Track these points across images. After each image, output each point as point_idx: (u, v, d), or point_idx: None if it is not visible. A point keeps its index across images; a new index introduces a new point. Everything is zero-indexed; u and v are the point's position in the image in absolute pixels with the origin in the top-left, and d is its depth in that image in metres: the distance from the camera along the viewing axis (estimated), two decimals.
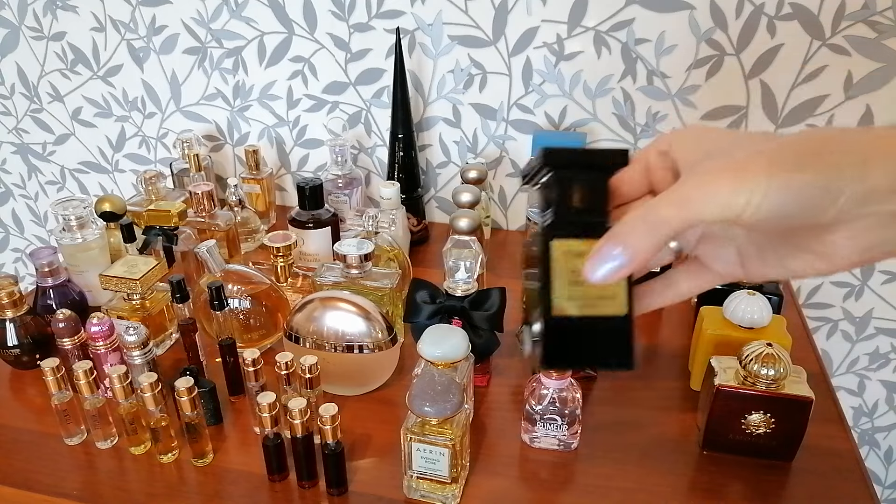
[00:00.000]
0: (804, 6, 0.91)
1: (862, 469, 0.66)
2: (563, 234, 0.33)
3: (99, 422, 0.68)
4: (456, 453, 0.59)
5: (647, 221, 0.31)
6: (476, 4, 1.01)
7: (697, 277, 0.38)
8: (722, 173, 0.30)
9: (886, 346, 1.14)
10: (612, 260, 0.31)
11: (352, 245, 0.79)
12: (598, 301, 0.33)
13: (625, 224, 0.31)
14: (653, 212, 0.31)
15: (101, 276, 0.78)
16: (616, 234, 0.31)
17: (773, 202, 0.29)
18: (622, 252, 0.31)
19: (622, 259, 0.31)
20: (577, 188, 0.34)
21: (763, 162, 0.29)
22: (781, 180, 0.29)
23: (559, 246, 0.33)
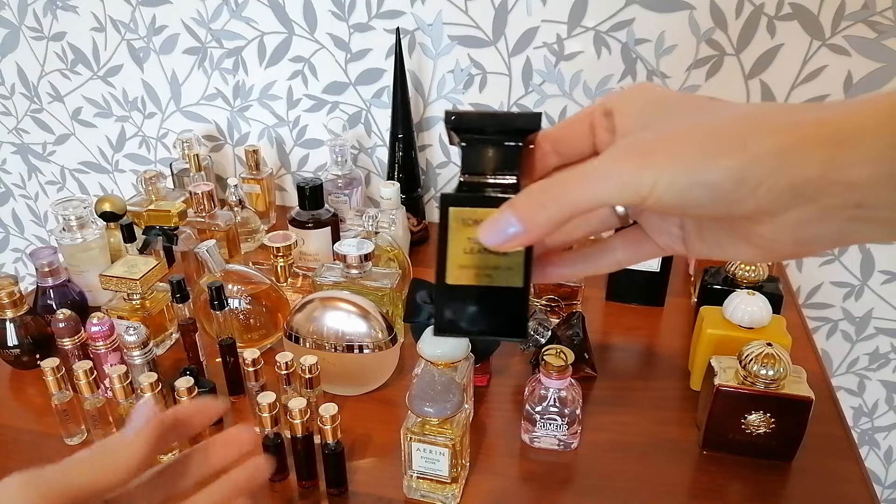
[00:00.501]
0: (804, 6, 0.91)
1: (862, 469, 0.66)
2: (461, 202, 0.32)
3: (99, 422, 0.68)
4: (456, 453, 0.59)
5: (549, 195, 0.29)
6: (476, 4, 1.01)
7: (636, 247, 0.35)
8: (629, 155, 0.28)
9: (886, 346, 1.14)
10: (508, 228, 0.29)
11: (352, 245, 0.79)
12: (494, 271, 0.32)
13: (527, 195, 0.29)
14: (556, 187, 0.29)
15: (101, 276, 0.78)
16: (515, 205, 0.30)
17: (678, 190, 0.27)
18: (518, 222, 0.29)
19: (517, 229, 0.29)
20: (482, 154, 0.32)
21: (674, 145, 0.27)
22: (688, 168, 0.27)
23: (457, 214, 0.32)
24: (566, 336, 0.77)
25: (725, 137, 0.27)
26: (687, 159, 0.27)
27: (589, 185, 0.28)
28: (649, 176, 0.27)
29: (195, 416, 0.35)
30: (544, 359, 0.65)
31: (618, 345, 0.85)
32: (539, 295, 0.87)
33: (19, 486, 0.28)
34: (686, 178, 0.27)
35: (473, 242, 0.32)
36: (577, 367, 0.72)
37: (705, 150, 0.27)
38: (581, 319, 0.79)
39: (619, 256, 0.35)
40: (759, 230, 0.28)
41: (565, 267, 0.36)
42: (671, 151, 0.27)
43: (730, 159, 0.26)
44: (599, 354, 0.82)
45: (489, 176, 0.32)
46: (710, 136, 0.27)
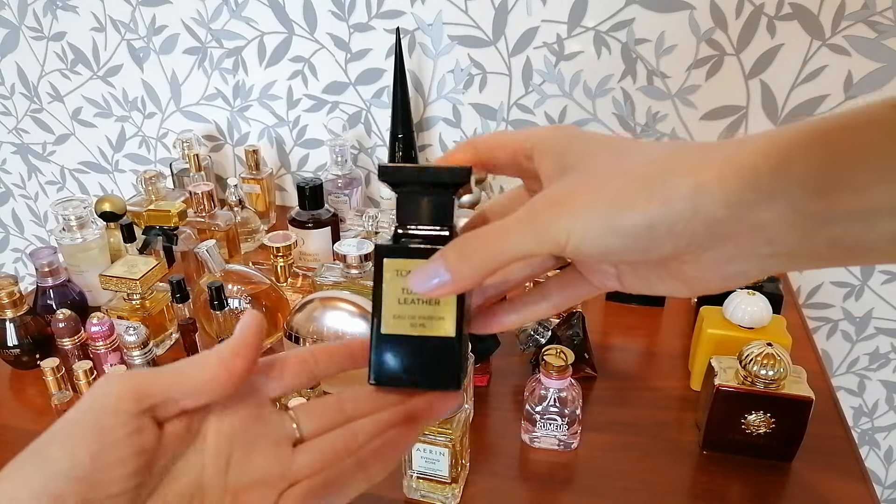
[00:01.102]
0: (804, 6, 0.91)
1: (862, 469, 0.66)
2: (394, 253, 0.33)
3: None
4: (456, 453, 0.59)
5: (474, 247, 0.30)
6: (476, 4, 1.01)
7: (572, 289, 0.35)
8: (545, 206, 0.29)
9: (886, 346, 1.14)
10: (435, 277, 0.30)
11: (352, 245, 0.79)
12: (428, 321, 0.33)
13: (454, 246, 0.30)
14: (481, 239, 0.30)
15: (101, 276, 0.78)
16: (444, 255, 0.30)
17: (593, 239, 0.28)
18: (445, 272, 0.30)
19: (444, 278, 0.30)
20: (414, 207, 0.33)
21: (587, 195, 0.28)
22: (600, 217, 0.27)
23: (390, 265, 0.33)
24: (566, 336, 0.77)
25: (636, 184, 0.27)
26: (599, 208, 0.27)
27: (510, 238, 0.29)
28: (564, 227, 0.28)
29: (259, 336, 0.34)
30: (544, 359, 0.65)
31: (618, 345, 0.85)
32: None
33: (107, 379, 0.31)
34: (599, 227, 0.27)
35: (407, 293, 0.33)
36: (577, 367, 0.72)
37: (616, 198, 0.27)
38: (581, 319, 0.79)
39: (556, 300, 0.35)
40: (685, 269, 0.28)
41: (505, 315, 0.36)
42: (583, 201, 0.28)
43: (640, 206, 0.27)
44: (599, 354, 0.82)
45: (422, 227, 0.33)
46: (621, 183, 0.28)
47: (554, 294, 0.36)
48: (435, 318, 0.33)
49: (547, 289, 0.36)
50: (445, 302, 0.33)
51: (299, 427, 0.35)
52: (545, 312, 0.36)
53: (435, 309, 0.33)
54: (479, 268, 0.30)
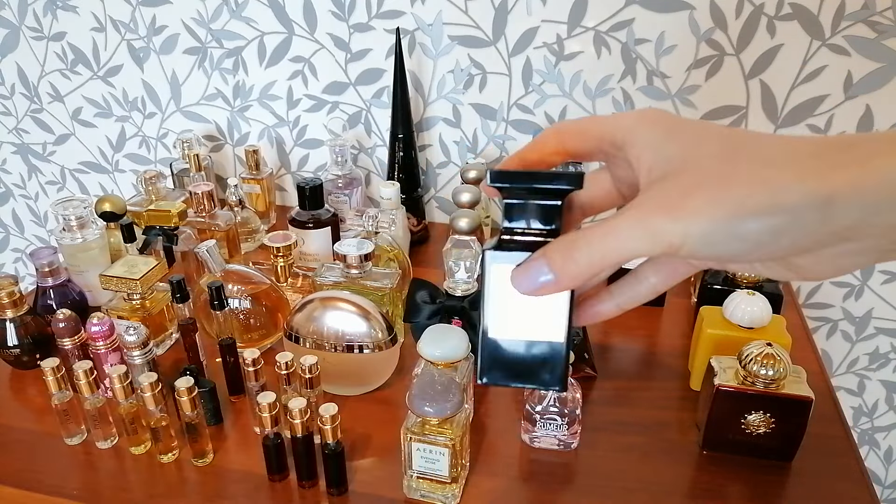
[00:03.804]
0: (804, 6, 0.91)
1: (862, 469, 0.66)
2: (501, 257, 0.33)
3: (99, 422, 0.68)
4: (456, 453, 0.59)
5: (580, 248, 0.29)
6: (476, 4, 1.01)
7: (668, 270, 0.35)
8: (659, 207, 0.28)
9: (886, 346, 1.14)
10: (539, 276, 0.30)
11: (352, 245, 0.79)
12: (535, 325, 0.34)
13: (559, 246, 0.30)
14: (588, 240, 0.29)
15: (101, 276, 0.78)
16: (547, 254, 0.30)
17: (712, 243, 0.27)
18: (550, 271, 0.30)
19: (549, 278, 0.30)
20: (523, 212, 0.33)
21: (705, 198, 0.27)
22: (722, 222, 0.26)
23: (497, 268, 0.33)
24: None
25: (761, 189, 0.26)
26: (721, 214, 0.26)
27: (620, 240, 0.29)
28: (680, 231, 0.27)
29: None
30: None
31: (618, 345, 0.85)
32: None
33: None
34: (720, 233, 0.27)
35: (514, 297, 0.33)
36: (577, 367, 0.72)
37: (740, 204, 0.26)
38: None
39: (653, 282, 0.35)
40: (798, 261, 0.29)
41: (602, 304, 0.36)
42: (703, 206, 0.27)
43: (767, 215, 0.26)
44: (599, 354, 0.82)
45: (530, 232, 0.33)
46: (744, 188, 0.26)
47: (651, 277, 0.35)
48: (542, 322, 0.33)
49: (643, 273, 0.36)
50: (552, 305, 0.33)
51: None
52: (644, 296, 0.36)
53: (542, 313, 0.33)
54: (586, 268, 0.30)
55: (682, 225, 0.27)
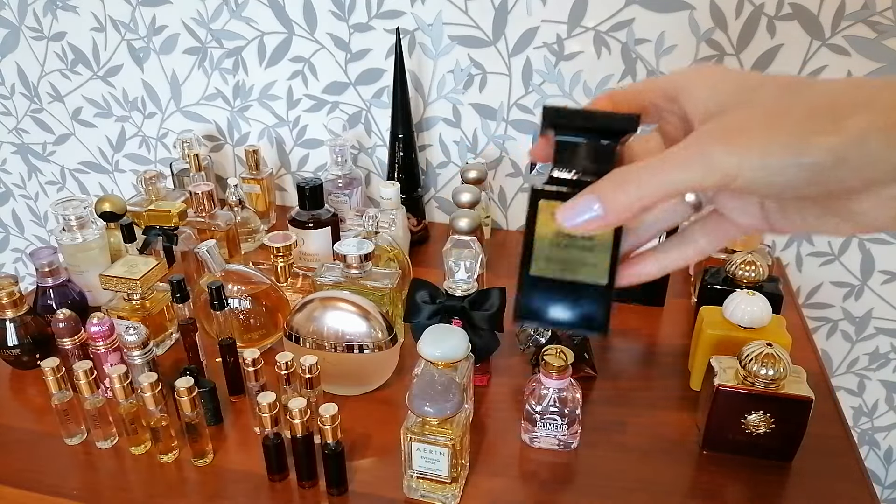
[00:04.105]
0: (804, 6, 0.91)
1: (862, 469, 0.66)
2: (551, 195, 0.32)
3: (99, 422, 0.68)
4: (456, 453, 0.59)
5: (631, 179, 0.29)
6: (476, 4, 1.01)
7: (716, 231, 0.34)
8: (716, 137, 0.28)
9: (886, 346, 1.14)
10: (588, 211, 0.30)
11: (352, 245, 0.79)
12: (580, 267, 0.33)
13: (609, 179, 0.30)
14: (639, 171, 0.29)
15: (101, 276, 0.78)
16: (596, 188, 0.30)
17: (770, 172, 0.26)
18: (599, 206, 0.29)
19: (598, 212, 0.30)
20: (575, 152, 0.32)
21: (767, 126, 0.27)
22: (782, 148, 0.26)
23: (546, 207, 0.32)
24: (566, 336, 0.77)
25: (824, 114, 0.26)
26: (781, 138, 0.26)
27: (674, 171, 0.28)
28: (736, 159, 0.27)
29: None
30: (544, 359, 0.65)
31: (618, 345, 0.85)
32: None
33: None
34: (780, 157, 0.26)
35: (561, 237, 0.32)
36: (577, 367, 0.72)
37: (801, 127, 0.26)
38: None
39: (701, 244, 0.35)
40: (855, 206, 0.28)
41: (648, 264, 0.35)
42: (762, 131, 0.27)
43: (831, 138, 0.25)
44: (599, 354, 0.82)
45: (580, 173, 0.32)
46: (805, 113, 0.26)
47: (699, 238, 0.35)
48: (587, 264, 0.33)
49: (690, 234, 0.35)
50: (599, 248, 0.32)
51: None
52: (690, 258, 0.35)
53: (588, 255, 0.33)
54: (636, 201, 0.29)
55: (739, 154, 0.27)
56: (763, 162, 0.26)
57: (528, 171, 1.10)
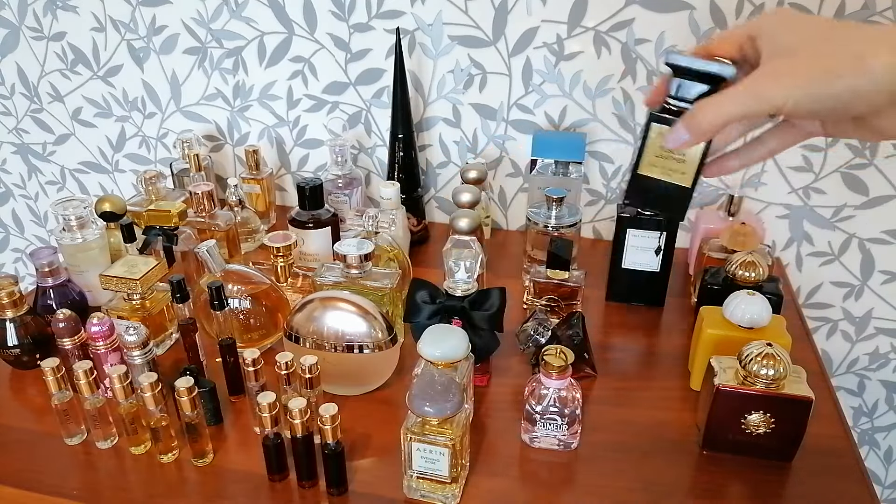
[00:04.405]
0: (804, 6, 0.91)
1: (862, 469, 0.66)
2: (660, 120, 0.48)
3: (99, 422, 0.68)
4: (456, 453, 0.59)
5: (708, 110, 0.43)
6: (476, 4, 1.01)
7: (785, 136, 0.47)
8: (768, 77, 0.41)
9: (886, 346, 1.14)
10: (680, 137, 0.45)
11: (352, 245, 0.79)
12: (673, 172, 0.49)
13: (692, 113, 0.44)
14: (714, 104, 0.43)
15: (101, 276, 0.78)
16: (687, 117, 0.45)
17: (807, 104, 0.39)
18: (686, 133, 0.45)
19: (688, 136, 0.45)
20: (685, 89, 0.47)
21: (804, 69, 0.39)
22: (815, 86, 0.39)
23: (655, 128, 0.48)
24: (566, 336, 0.77)
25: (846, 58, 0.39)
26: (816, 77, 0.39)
27: (738, 101, 0.42)
28: (783, 92, 0.40)
29: None
30: (544, 359, 0.65)
31: (618, 345, 0.85)
32: (539, 295, 0.88)
33: None
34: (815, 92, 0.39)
35: (663, 149, 0.48)
36: (577, 367, 0.72)
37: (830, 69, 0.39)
38: (581, 319, 0.79)
39: (772, 146, 0.48)
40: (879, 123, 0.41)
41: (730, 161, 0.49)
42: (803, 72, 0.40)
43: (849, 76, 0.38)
44: (599, 354, 0.82)
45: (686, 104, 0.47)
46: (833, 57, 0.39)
47: (770, 141, 0.48)
48: (678, 172, 0.49)
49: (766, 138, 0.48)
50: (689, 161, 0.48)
51: None
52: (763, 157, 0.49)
53: (681, 165, 0.48)
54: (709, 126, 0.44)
55: (786, 88, 0.40)
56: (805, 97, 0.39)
57: (528, 170, 1.10)
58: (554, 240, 0.86)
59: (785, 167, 1.02)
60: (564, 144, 1.02)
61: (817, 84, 0.39)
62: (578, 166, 1.03)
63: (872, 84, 0.38)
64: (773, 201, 1.05)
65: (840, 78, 0.38)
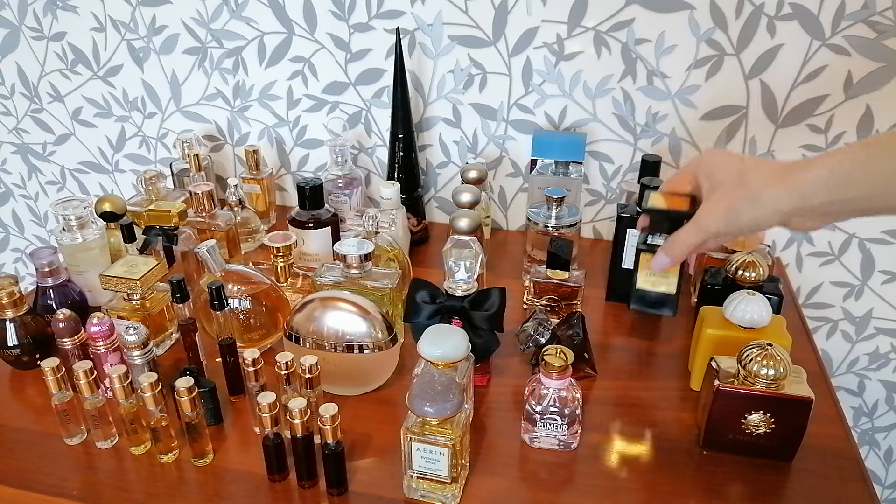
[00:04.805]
0: (804, 6, 0.91)
1: (862, 469, 0.66)
2: (646, 251, 0.67)
3: (99, 422, 0.68)
4: (456, 453, 0.59)
5: (678, 242, 0.61)
6: (476, 4, 1.01)
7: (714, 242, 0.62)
8: (704, 214, 0.58)
9: (886, 346, 1.14)
10: (662, 261, 0.63)
11: (352, 245, 0.79)
12: (661, 282, 0.68)
13: (668, 243, 0.62)
14: (681, 237, 0.60)
15: (101, 276, 0.78)
16: (664, 248, 0.62)
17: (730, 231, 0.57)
18: (666, 259, 0.62)
19: (666, 261, 0.63)
20: (657, 226, 0.66)
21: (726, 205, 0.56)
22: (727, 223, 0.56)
23: (644, 256, 0.67)
24: (566, 336, 0.77)
25: (745, 199, 0.54)
26: (729, 216, 0.56)
27: (692, 234, 0.59)
28: (714, 226, 0.57)
29: None
30: (544, 359, 0.65)
31: (618, 345, 0.85)
32: (539, 295, 0.87)
33: None
34: (730, 225, 0.56)
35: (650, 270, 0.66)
36: (577, 367, 0.72)
37: (734, 210, 0.55)
38: (581, 319, 0.79)
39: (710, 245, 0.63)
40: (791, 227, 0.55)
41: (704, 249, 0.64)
42: (722, 211, 0.56)
43: (749, 213, 0.54)
44: (599, 354, 0.82)
45: (658, 237, 0.66)
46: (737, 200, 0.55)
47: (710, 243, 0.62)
48: (664, 282, 0.68)
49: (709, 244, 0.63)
50: (671, 274, 0.67)
51: None
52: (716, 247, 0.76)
53: (665, 279, 0.68)
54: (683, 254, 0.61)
55: (715, 222, 0.57)
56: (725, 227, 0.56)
57: (528, 170, 1.10)
58: (554, 240, 0.86)
59: None
60: (564, 144, 1.02)
61: (731, 220, 0.55)
62: (578, 166, 1.03)
63: (767, 213, 0.53)
64: None
65: (743, 214, 0.54)
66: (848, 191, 0.49)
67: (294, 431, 0.60)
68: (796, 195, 0.51)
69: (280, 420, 0.63)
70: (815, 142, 0.99)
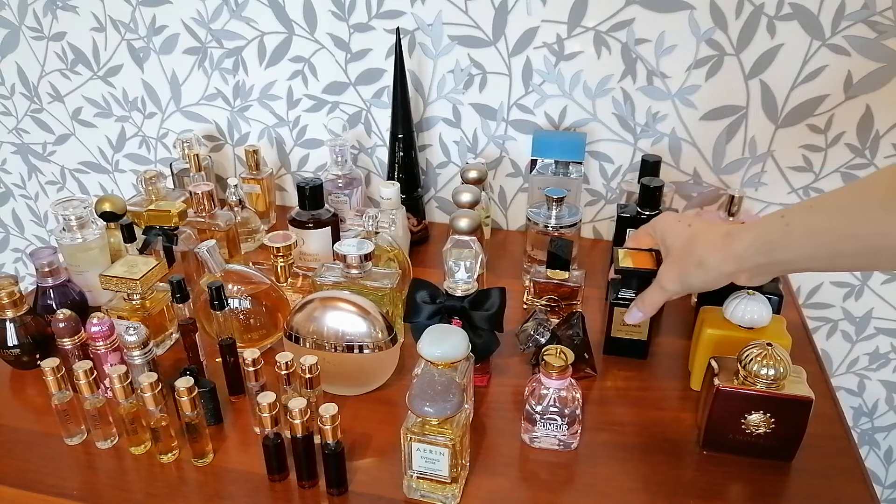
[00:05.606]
0: (804, 6, 0.91)
1: (862, 469, 0.66)
2: (620, 305, 0.77)
3: (99, 422, 0.68)
4: (456, 453, 0.59)
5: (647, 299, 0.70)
6: (476, 4, 1.01)
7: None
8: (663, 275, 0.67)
9: (886, 346, 1.14)
10: (636, 315, 0.72)
11: (352, 245, 0.79)
12: (634, 331, 0.79)
13: (640, 298, 0.71)
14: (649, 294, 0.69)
15: (101, 276, 0.78)
16: (638, 304, 0.71)
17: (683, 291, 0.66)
18: (640, 313, 0.72)
19: (639, 315, 0.72)
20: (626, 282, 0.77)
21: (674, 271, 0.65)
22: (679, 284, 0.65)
23: (617, 310, 0.78)
24: (566, 336, 0.77)
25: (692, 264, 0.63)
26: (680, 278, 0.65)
27: (658, 292, 0.68)
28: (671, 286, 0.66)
29: None
30: (544, 359, 0.65)
31: None
32: (539, 295, 0.87)
33: None
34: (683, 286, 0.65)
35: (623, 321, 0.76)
36: (577, 367, 0.72)
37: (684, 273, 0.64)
38: (581, 319, 0.79)
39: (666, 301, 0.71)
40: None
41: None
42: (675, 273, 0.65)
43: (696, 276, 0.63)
44: (599, 355, 0.82)
45: (631, 292, 0.77)
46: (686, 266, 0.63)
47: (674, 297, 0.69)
48: (637, 331, 0.79)
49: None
50: (643, 325, 0.78)
51: None
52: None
53: (637, 329, 0.79)
54: (653, 309, 0.71)
55: (670, 282, 0.66)
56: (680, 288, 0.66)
57: (528, 170, 1.10)
58: (554, 240, 0.86)
59: (785, 167, 1.02)
60: (564, 144, 1.02)
61: (684, 282, 0.64)
62: (578, 166, 1.03)
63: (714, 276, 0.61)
64: (773, 201, 1.05)
65: (693, 277, 0.62)
66: (777, 254, 0.55)
67: (294, 431, 0.60)
68: (733, 258, 0.58)
69: (280, 420, 0.63)
70: (814, 142, 0.99)
